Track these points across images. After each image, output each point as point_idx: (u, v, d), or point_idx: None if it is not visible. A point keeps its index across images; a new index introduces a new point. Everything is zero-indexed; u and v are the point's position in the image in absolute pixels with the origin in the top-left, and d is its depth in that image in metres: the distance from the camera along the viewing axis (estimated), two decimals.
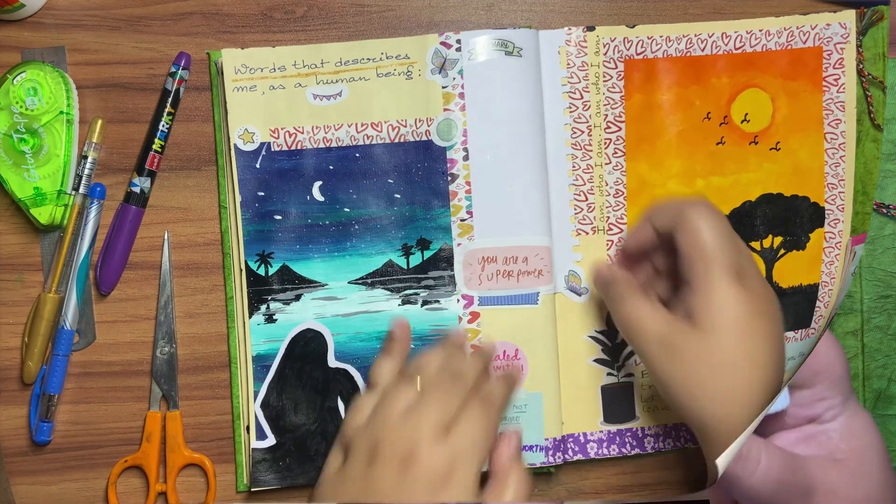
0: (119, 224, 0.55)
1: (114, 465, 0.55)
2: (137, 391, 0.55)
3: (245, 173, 0.54)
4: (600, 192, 0.55)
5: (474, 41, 0.54)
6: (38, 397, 0.54)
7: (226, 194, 0.55)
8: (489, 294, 0.54)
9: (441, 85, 0.54)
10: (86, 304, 0.55)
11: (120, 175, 0.55)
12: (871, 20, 0.55)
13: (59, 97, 0.54)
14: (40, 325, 0.54)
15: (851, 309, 0.56)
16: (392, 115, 0.54)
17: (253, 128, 0.54)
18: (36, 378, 0.54)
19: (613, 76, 0.55)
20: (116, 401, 0.55)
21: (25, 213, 0.54)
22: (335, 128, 0.54)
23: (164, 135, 0.55)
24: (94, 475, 0.55)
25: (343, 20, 0.56)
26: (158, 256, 0.55)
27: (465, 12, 0.57)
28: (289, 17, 0.56)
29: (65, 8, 0.55)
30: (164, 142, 0.55)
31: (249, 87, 0.54)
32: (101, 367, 0.55)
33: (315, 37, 0.56)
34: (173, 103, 0.55)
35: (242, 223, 0.54)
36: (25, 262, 0.55)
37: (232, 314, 0.55)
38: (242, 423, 0.55)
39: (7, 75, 0.53)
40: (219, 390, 0.56)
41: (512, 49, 0.54)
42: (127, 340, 0.55)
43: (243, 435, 0.55)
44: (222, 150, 0.55)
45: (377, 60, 0.54)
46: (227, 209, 0.55)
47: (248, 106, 0.54)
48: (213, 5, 0.56)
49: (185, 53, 0.55)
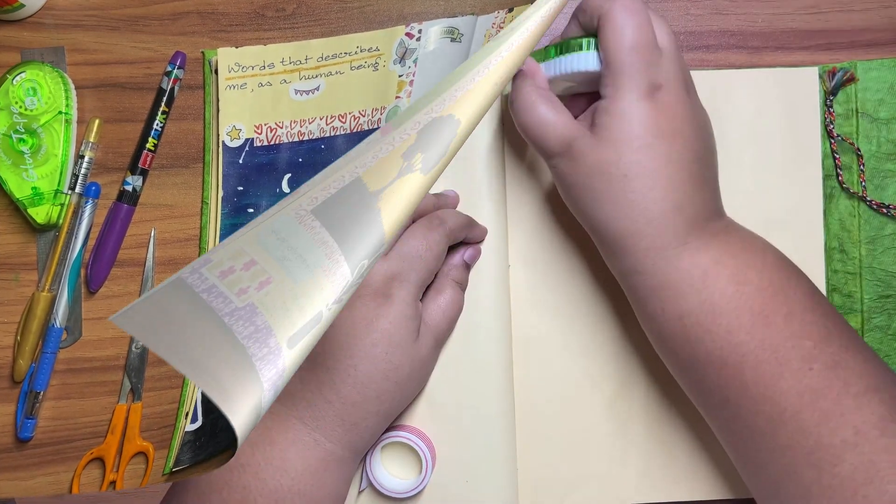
0: (111, 222, 0.55)
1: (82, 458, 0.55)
2: (112, 385, 0.55)
3: (229, 169, 0.54)
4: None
5: (430, 30, 0.54)
6: (25, 395, 0.55)
7: (209, 190, 0.55)
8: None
9: (398, 74, 0.54)
10: (75, 302, 0.55)
11: (115, 174, 0.56)
12: (842, 80, 0.54)
13: (59, 97, 0.54)
14: (32, 324, 0.54)
15: (852, 309, 0.54)
16: (356, 105, 0.54)
17: (240, 124, 0.54)
18: (26, 376, 0.55)
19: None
20: (94, 395, 0.55)
21: (23, 212, 0.54)
22: (309, 121, 0.55)
23: (158, 133, 0.55)
24: (64, 468, 0.55)
25: (327, 17, 0.56)
26: (145, 253, 0.56)
27: (428, 4, 0.57)
28: (279, 15, 0.56)
29: (64, 8, 0.56)
30: (158, 140, 0.55)
31: (240, 85, 0.54)
32: (84, 363, 0.55)
33: (301, 34, 0.56)
34: (168, 102, 0.55)
35: (221, 218, 0.54)
36: (22, 262, 0.56)
37: None
38: (184, 410, 0.54)
39: (7, 75, 0.54)
40: (175, 380, 0.55)
41: (456, 35, 0.54)
42: (109, 336, 0.55)
43: (182, 421, 0.54)
44: (210, 147, 0.55)
45: (352, 54, 0.55)
46: (208, 205, 0.55)
47: (238, 103, 0.54)
48: (209, 4, 0.56)
49: (181, 52, 0.55)
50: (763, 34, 0.56)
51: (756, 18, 0.56)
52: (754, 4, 0.56)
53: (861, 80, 0.54)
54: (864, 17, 0.56)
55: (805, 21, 0.56)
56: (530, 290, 0.54)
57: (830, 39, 0.56)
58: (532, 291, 0.54)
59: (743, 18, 0.56)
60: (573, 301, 0.54)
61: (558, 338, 0.54)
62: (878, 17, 0.55)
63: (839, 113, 0.54)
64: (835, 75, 0.54)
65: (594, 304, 0.54)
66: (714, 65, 0.56)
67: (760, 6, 0.56)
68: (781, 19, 0.56)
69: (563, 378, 0.54)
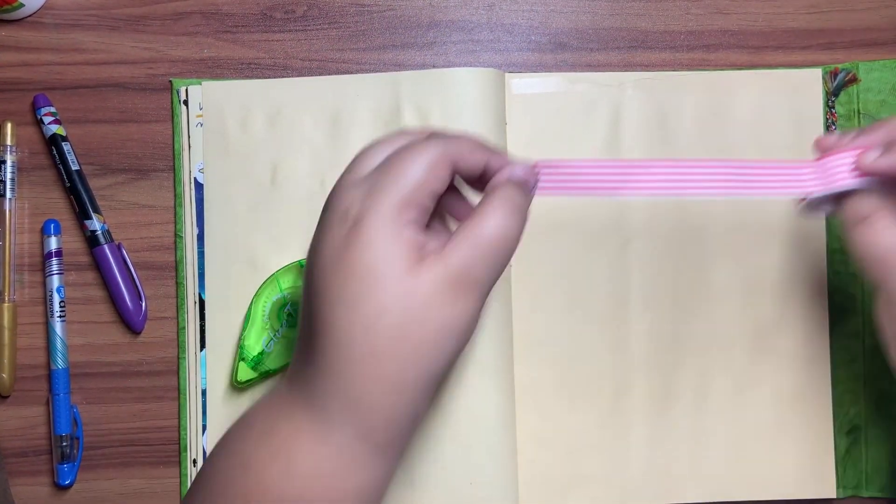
0: (106, 268, 0.54)
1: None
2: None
3: (201, 206, 0.54)
4: None
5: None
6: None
7: (181, 224, 0.55)
8: None
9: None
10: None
11: (120, 175, 0.55)
12: (844, 81, 0.55)
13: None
14: (4, 336, 0.54)
15: (853, 310, 0.55)
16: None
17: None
18: (12, 389, 0.54)
19: None
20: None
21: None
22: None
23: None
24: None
25: (343, 19, 0.56)
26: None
27: (466, 12, 0.56)
28: (289, 17, 0.56)
29: (64, 8, 0.55)
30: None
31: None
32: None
33: (315, 36, 0.56)
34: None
35: (197, 256, 0.54)
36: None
37: (183, 345, 0.54)
38: (189, 457, 0.54)
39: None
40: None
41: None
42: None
43: (189, 468, 0.54)
44: (181, 178, 0.55)
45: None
46: (182, 238, 0.55)
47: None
48: (212, 5, 0.55)
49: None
50: (763, 34, 0.57)
51: (756, 18, 0.57)
52: (755, 4, 0.57)
53: (863, 80, 0.55)
54: (865, 17, 0.56)
55: (805, 20, 0.57)
56: (531, 289, 0.54)
57: (831, 39, 0.56)
58: (533, 291, 0.54)
59: (743, 18, 0.57)
60: (575, 301, 0.55)
61: (559, 338, 0.54)
62: (879, 16, 0.56)
63: (841, 114, 0.55)
64: (837, 76, 0.55)
65: (596, 304, 0.55)
66: (714, 64, 0.56)
67: (761, 6, 0.57)
68: (782, 19, 0.57)
69: (564, 379, 0.54)
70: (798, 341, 0.55)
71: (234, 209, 0.54)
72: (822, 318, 0.55)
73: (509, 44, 0.56)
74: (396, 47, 0.56)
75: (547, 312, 0.54)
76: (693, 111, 0.55)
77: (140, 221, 0.55)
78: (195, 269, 0.54)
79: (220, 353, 0.54)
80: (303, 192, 0.54)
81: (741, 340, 0.55)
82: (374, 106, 0.54)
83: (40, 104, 0.54)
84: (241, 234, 0.54)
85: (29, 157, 0.55)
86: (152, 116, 0.55)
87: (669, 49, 0.56)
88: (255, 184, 0.54)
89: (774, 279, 0.55)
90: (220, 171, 0.54)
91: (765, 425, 0.54)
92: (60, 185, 0.55)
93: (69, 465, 0.54)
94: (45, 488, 0.55)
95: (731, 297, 0.55)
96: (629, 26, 0.56)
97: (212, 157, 0.54)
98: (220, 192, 0.54)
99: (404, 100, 0.53)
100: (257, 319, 0.52)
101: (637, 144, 0.55)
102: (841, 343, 0.55)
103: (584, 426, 0.54)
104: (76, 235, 0.55)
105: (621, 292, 0.55)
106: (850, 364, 0.55)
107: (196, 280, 0.54)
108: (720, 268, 0.55)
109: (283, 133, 0.54)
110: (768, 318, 0.55)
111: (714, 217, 0.55)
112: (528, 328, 0.54)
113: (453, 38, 0.56)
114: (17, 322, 0.54)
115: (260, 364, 0.52)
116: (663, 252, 0.55)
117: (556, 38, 0.56)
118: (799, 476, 0.54)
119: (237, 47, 0.55)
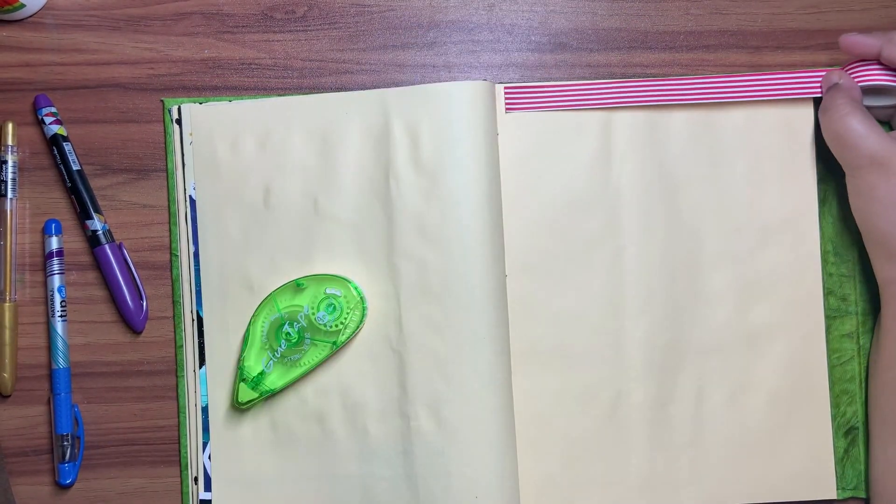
0: (107, 268, 0.54)
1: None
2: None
3: (196, 224, 0.54)
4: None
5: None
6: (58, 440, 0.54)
7: (177, 243, 0.55)
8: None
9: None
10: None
11: (121, 175, 0.55)
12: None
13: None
14: (5, 335, 0.54)
15: (846, 312, 0.55)
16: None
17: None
18: (13, 388, 0.54)
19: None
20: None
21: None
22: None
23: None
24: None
25: (343, 20, 0.56)
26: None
27: (466, 12, 0.57)
28: (289, 17, 0.56)
29: (65, 8, 0.55)
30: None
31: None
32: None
33: (315, 37, 0.56)
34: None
35: (194, 274, 0.54)
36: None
37: (181, 363, 0.55)
38: (190, 475, 0.54)
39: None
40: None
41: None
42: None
43: (191, 486, 0.54)
44: (175, 196, 0.55)
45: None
46: (178, 257, 0.55)
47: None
48: (213, 5, 0.56)
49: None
50: (763, 34, 0.57)
51: (756, 18, 0.57)
52: (754, 4, 0.57)
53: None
54: (864, 17, 0.57)
55: (805, 21, 0.57)
56: (528, 299, 0.54)
57: (830, 39, 0.57)
58: (530, 300, 0.54)
59: (743, 18, 0.57)
60: (571, 309, 0.55)
61: (557, 346, 0.55)
62: (878, 16, 0.57)
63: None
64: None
65: (592, 311, 0.55)
66: (713, 64, 0.57)
67: (760, 6, 0.57)
68: (781, 19, 0.57)
69: (562, 386, 0.54)
70: (794, 343, 0.55)
71: (228, 231, 0.54)
72: (817, 320, 0.55)
73: (509, 44, 0.56)
74: (396, 47, 0.56)
75: (543, 321, 0.54)
76: (684, 119, 0.55)
77: (141, 221, 0.55)
78: (192, 286, 0.54)
79: (219, 369, 0.54)
80: (296, 213, 0.54)
81: (737, 344, 0.55)
82: (363, 124, 0.54)
83: (41, 104, 0.54)
84: (235, 256, 0.54)
85: (30, 157, 0.55)
86: (153, 116, 0.55)
87: (669, 49, 0.57)
88: (247, 206, 0.54)
89: (769, 282, 0.55)
90: (213, 193, 0.54)
91: (763, 428, 0.55)
92: (61, 184, 0.55)
93: (70, 465, 0.54)
94: (46, 487, 0.55)
95: (726, 301, 0.55)
96: (629, 26, 0.57)
97: (203, 181, 0.54)
98: (214, 215, 0.54)
99: (393, 116, 0.53)
100: (256, 340, 0.53)
101: (630, 149, 0.55)
102: (836, 344, 0.55)
103: (584, 433, 0.54)
104: (77, 235, 0.55)
105: (617, 299, 0.55)
106: (845, 365, 0.55)
107: (193, 297, 0.54)
108: (715, 272, 0.55)
109: (273, 155, 0.54)
110: (763, 321, 0.55)
111: (708, 222, 0.55)
112: (524, 336, 0.54)
113: (453, 38, 0.56)
114: (19, 322, 0.55)
115: (260, 384, 0.52)
116: (658, 258, 0.55)
117: (556, 39, 0.57)
118: (798, 478, 0.55)
119: (238, 47, 0.56)
